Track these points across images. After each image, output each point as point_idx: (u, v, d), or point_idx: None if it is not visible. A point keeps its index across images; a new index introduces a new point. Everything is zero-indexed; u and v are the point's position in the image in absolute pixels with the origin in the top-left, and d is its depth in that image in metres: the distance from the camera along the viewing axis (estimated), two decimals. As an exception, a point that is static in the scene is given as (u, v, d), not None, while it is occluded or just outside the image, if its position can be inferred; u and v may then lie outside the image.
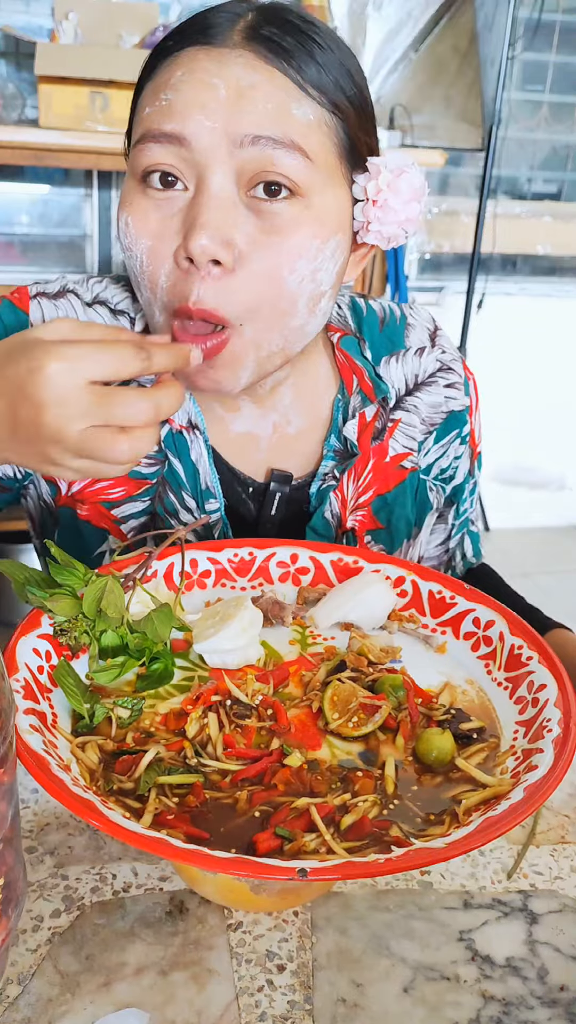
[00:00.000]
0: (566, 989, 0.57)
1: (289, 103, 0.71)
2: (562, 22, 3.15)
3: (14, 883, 0.51)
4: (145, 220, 0.74)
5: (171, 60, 0.73)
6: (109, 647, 0.66)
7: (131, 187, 0.75)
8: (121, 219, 0.75)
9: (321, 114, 0.73)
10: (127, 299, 0.90)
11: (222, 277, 0.71)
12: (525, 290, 3.46)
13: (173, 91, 0.71)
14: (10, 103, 2.43)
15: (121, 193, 0.77)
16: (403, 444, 0.94)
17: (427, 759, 0.62)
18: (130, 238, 0.75)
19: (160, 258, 0.73)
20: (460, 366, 0.97)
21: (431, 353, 0.95)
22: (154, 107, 0.73)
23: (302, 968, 0.57)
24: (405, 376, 0.94)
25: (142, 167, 0.73)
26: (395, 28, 2.86)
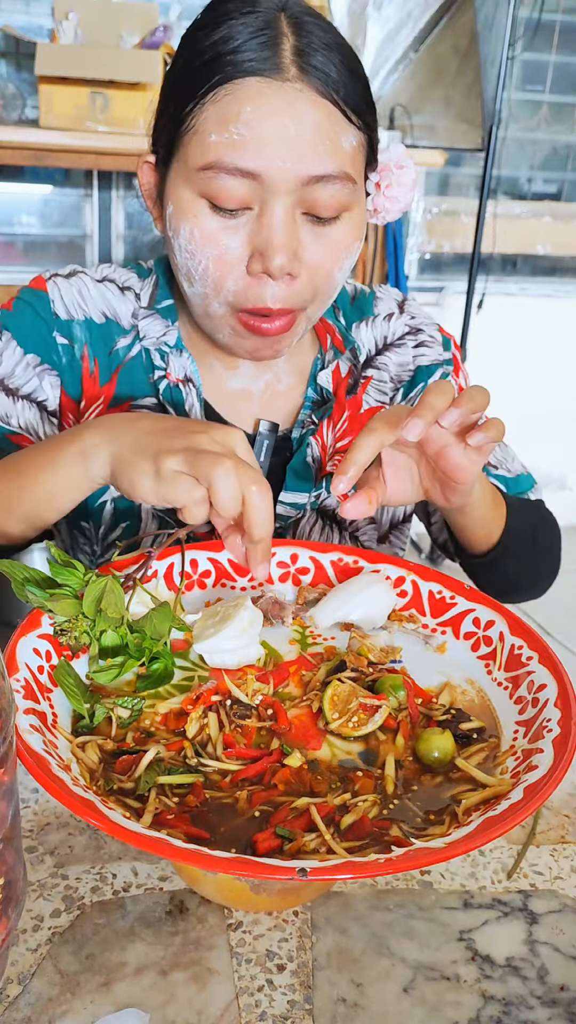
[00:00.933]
0: (566, 989, 0.57)
1: (339, 136, 0.82)
2: (562, 22, 3.15)
3: (14, 883, 0.51)
4: (211, 232, 0.83)
5: (234, 88, 0.79)
6: (109, 647, 0.66)
7: (192, 200, 0.83)
8: (183, 227, 0.84)
9: (359, 137, 0.84)
10: (132, 278, 1.01)
11: (291, 282, 0.84)
12: (525, 290, 3.47)
13: (246, 127, 0.79)
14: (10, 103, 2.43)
15: (177, 196, 0.84)
16: (375, 399, 1.04)
17: (427, 759, 0.62)
18: (195, 244, 0.84)
19: (228, 265, 0.83)
20: (433, 329, 1.07)
21: (399, 319, 1.06)
22: (223, 137, 0.80)
23: (302, 968, 0.57)
24: (375, 338, 1.05)
25: (213, 192, 0.81)
26: (395, 28, 2.86)
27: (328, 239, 0.85)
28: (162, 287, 0.98)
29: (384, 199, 0.91)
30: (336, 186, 0.82)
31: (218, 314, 0.88)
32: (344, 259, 0.87)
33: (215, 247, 0.83)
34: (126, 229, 2.91)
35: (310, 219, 0.83)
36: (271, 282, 0.83)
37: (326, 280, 0.87)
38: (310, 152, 0.80)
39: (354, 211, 0.86)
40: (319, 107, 0.80)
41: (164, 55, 2.30)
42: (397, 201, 0.91)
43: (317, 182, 0.81)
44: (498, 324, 3.29)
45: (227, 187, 0.80)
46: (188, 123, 0.82)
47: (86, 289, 0.98)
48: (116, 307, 0.98)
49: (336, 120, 0.81)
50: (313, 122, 0.80)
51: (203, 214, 0.82)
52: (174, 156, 0.84)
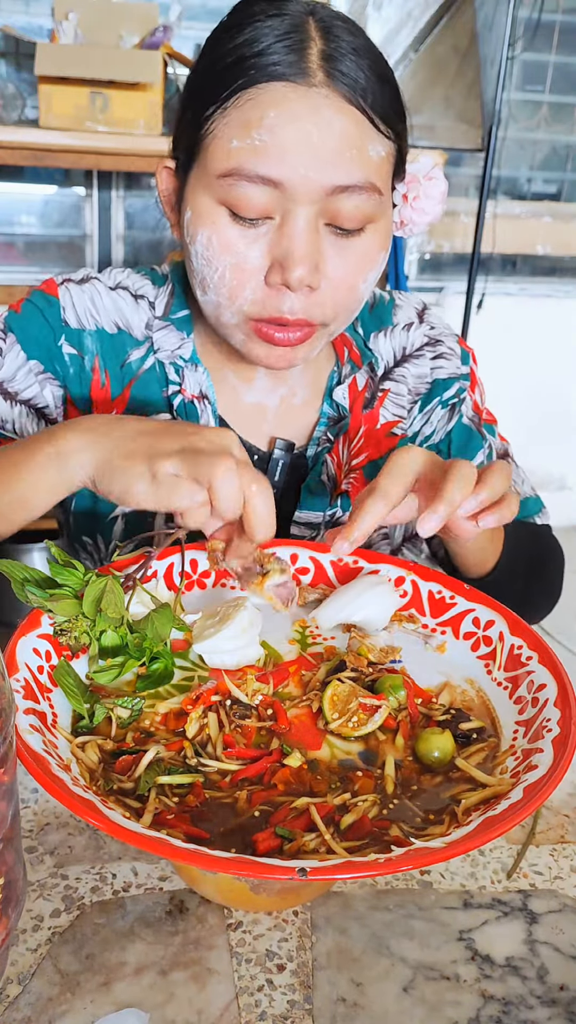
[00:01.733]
0: (566, 989, 0.57)
1: (366, 145, 0.79)
2: (562, 22, 3.15)
3: (14, 883, 0.51)
4: (230, 240, 0.81)
5: (257, 92, 0.76)
6: (109, 647, 0.66)
7: (211, 207, 0.80)
8: (201, 234, 0.82)
9: (387, 147, 0.82)
10: (146, 285, 0.98)
11: (311, 294, 0.82)
12: (525, 290, 3.47)
13: (268, 133, 0.76)
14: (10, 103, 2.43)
15: (196, 203, 0.82)
16: (392, 412, 1.01)
17: (427, 759, 0.62)
18: (212, 252, 0.82)
19: (245, 274, 0.81)
20: (452, 340, 1.04)
21: (419, 328, 1.03)
22: (244, 144, 0.77)
23: (302, 968, 0.57)
24: (393, 349, 1.02)
25: (233, 199, 0.79)
26: (395, 28, 2.86)
27: (351, 252, 0.82)
28: (178, 296, 0.96)
29: (411, 211, 0.88)
30: (361, 197, 0.79)
31: (231, 323, 0.85)
32: (368, 272, 0.84)
33: (233, 255, 0.80)
34: (126, 229, 2.91)
35: (333, 231, 0.81)
36: (289, 294, 0.81)
37: (349, 294, 0.84)
38: (335, 161, 0.77)
39: (379, 223, 0.83)
40: (346, 114, 0.77)
41: (164, 55, 2.30)
42: (425, 214, 0.88)
43: (341, 192, 0.78)
44: (498, 324, 3.29)
45: (248, 195, 0.78)
46: (208, 127, 0.79)
47: (99, 297, 0.95)
48: (129, 317, 0.96)
49: (363, 128, 0.78)
50: (339, 129, 0.77)
51: (222, 222, 0.80)
52: (194, 161, 0.82)
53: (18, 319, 0.94)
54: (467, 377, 1.04)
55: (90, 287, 0.96)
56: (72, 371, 0.95)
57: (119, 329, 0.95)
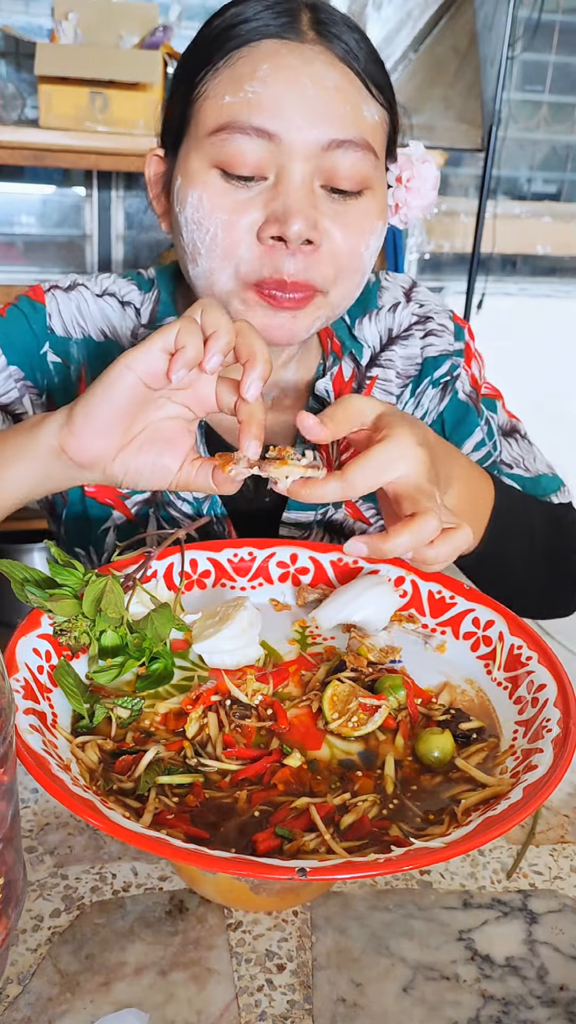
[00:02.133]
0: (565, 989, 0.57)
1: (360, 104, 0.77)
2: (562, 22, 3.15)
3: (14, 883, 0.51)
4: (222, 198, 0.77)
5: (249, 50, 0.76)
6: (109, 647, 0.66)
7: (203, 168, 0.78)
8: (191, 195, 0.78)
9: (382, 113, 0.81)
10: (133, 291, 0.95)
11: (311, 253, 0.78)
12: (525, 290, 3.46)
13: (260, 84, 0.74)
14: (10, 103, 2.43)
15: (187, 167, 0.79)
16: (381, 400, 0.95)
17: (427, 759, 0.62)
18: (202, 212, 0.78)
19: (238, 232, 0.77)
20: (444, 316, 1.00)
21: (406, 308, 0.99)
22: (237, 97, 0.75)
23: (302, 968, 0.57)
24: (379, 332, 0.98)
25: (225, 156, 0.76)
26: (395, 28, 2.85)
27: (350, 215, 0.79)
28: (164, 303, 0.93)
29: (406, 193, 0.86)
30: (357, 155, 0.77)
31: (226, 288, 0.81)
32: (370, 237, 0.81)
33: (225, 212, 0.77)
34: (126, 229, 2.91)
35: (330, 194, 0.78)
36: (287, 254, 0.77)
37: (351, 259, 0.80)
38: (330, 115, 0.75)
39: (376, 190, 0.81)
40: (339, 70, 0.76)
41: (164, 55, 2.30)
42: (420, 196, 0.87)
43: (338, 147, 0.76)
44: (498, 324, 3.29)
45: (241, 149, 0.75)
46: (199, 90, 0.78)
47: (85, 304, 0.93)
48: (116, 325, 0.93)
49: (357, 87, 0.77)
50: (333, 84, 0.75)
51: (213, 181, 0.77)
52: (185, 130, 0.80)
53: (2, 323, 0.92)
54: (461, 353, 0.99)
55: (77, 294, 0.94)
56: (57, 380, 0.92)
57: (106, 337, 0.93)
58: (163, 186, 0.86)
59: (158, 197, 0.87)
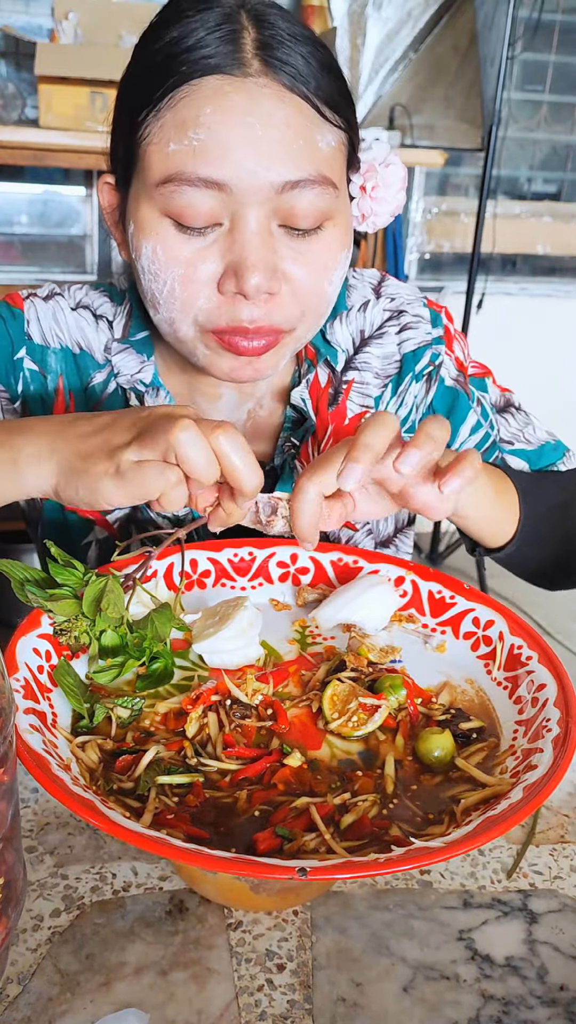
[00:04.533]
0: (566, 988, 0.57)
1: (314, 135, 0.74)
2: (562, 22, 3.15)
3: (14, 882, 0.51)
4: (176, 250, 0.75)
5: (191, 90, 0.72)
6: (109, 647, 0.66)
7: (154, 218, 0.75)
8: (146, 247, 0.76)
9: (337, 136, 0.77)
10: (105, 304, 0.93)
11: (271, 300, 0.76)
12: (525, 290, 3.46)
13: (206, 131, 0.71)
14: (10, 103, 2.43)
15: (138, 215, 0.76)
16: (359, 404, 0.95)
17: (427, 759, 0.62)
18: (158, 264, 0.76)
19: (196, 284, 0.75)
20: (417, 306, 0.96)
21: (376, 305, 0.95)
22: (182, 145, 0.72)
23: (302, 967, 0.57)
24: (351, 335, 0.95)
25: (176, 208, 0.73)
26: (395, 28, 2.85)
27: (311, 253, 0.76)
28: (136, 317, 0.90)
29: (371, 202, 0.82)
30: (314, 191, 0.73)
31: (188, 336, 0.79)
32: (332, 272, 0.79)
33: (181, 266, 0.75)
34: (126, 229, 2.91)
35: (288, 232, 0.75)
36: (246, 302, 0.75)
37: (314, 297, 0.78)
38: (282, 154, 0.71)
39: (337, 219, 0.78)
40: (288, 103, 0.72)
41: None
42: (386, 203, 0.82)
43: (292, 188, 0.72)
44: (498, 324, 3.29)
45: (192, 202, 0.72)
46: (143, 132, 0.74)
47: (62, 315, 0.91)
48: (90, 338, 0.92)
49: (309, 117, 0.73)
50: (282, 120, 0.71)
51: (166, 232, 0.74)
52: (133, 171, 0.77)
53: None
54: (440, 340, 0.95)
55: (54, 304, 0.92)
56: (32, 388, 0.91)
57: (81, 349, 0.92)
58: (117, 218, 0.83)
59: (116, 225, 0.84)
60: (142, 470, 0.62)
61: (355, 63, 2.89)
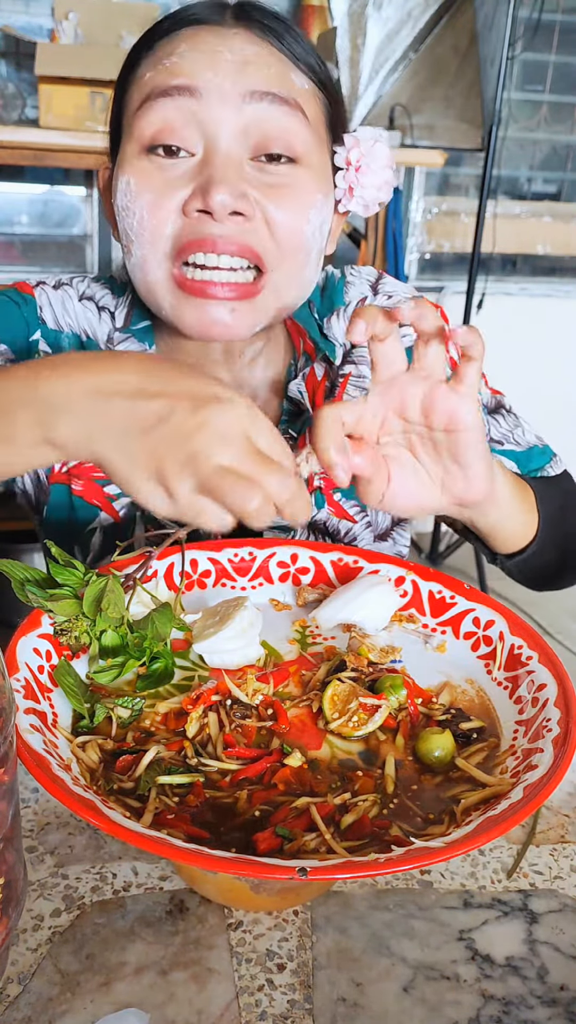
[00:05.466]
0: (566, 988, 0.57)
1: (287, 71, 0.77)
2: (562, 22, 3.15)
3: (14, 882, 0.51)
4: (148, 179, 0.76)
5: (169, 39, 0.77)
6: (109, 647, 0.66)
7: (132, 152, 0.78)
8: (121, 181, 0.78)
9: (312, 86, 0.80)
10: (107, 296, 0.95)
11: (242, 223, 0.75)
12: (525, 290, 3.46)
13: (179, 57, 0.75)
14: (10, 103, 2.43)
15: (122, 159, 0.79)
16: (356, 396, 0.95)
17: (427, 759, 0.62)
18: (129, 196, 0.77)
19: (164, 211, 0.76)
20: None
21: (374, 301, 0.97)
22: (156, 70, 0.76)
23: (302, 967, 0.57)
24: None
25: (151, 128, 0.75)
26: (395, 28, 2.85)
27: (285, 188, 0.77)
28: (137, 306, 0.92)
29: (356, 174, 0.83)
30: (283, 111, 0.75)
31: (157, 279, 0.79)
32: (309, 210, 0.78)
33: (150, 192, 0.76)
34: (126, 229, 2.91)
35: (263, 165, 0.76)
36: (212, 223, 0.74)
37: (291, 234, 0.78)
38: (251, 74, 0.74)
39: (313, 165, 0.79)
40: (259, 45, 0.76)
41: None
42: (373, 175, 0.83)
43: (261, 99, 0.74)
44: (498, 324, 3.29)
45: (164, 116, 0.74)
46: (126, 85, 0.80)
47: (71, 303, 0.93)
48: (95, 329, 0.93)
49: (280, 59, 0.77)
50: (253, 53, 0.76)
51: (141, 164, 0.77)
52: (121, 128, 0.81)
53: None
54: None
55: (63, 292, 0.94)
56: None
57: (88, 338, 0.93)
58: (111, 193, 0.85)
59: (110, 207, 0.86)
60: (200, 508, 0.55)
61: (355, 63, 2.89)
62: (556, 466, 1.00)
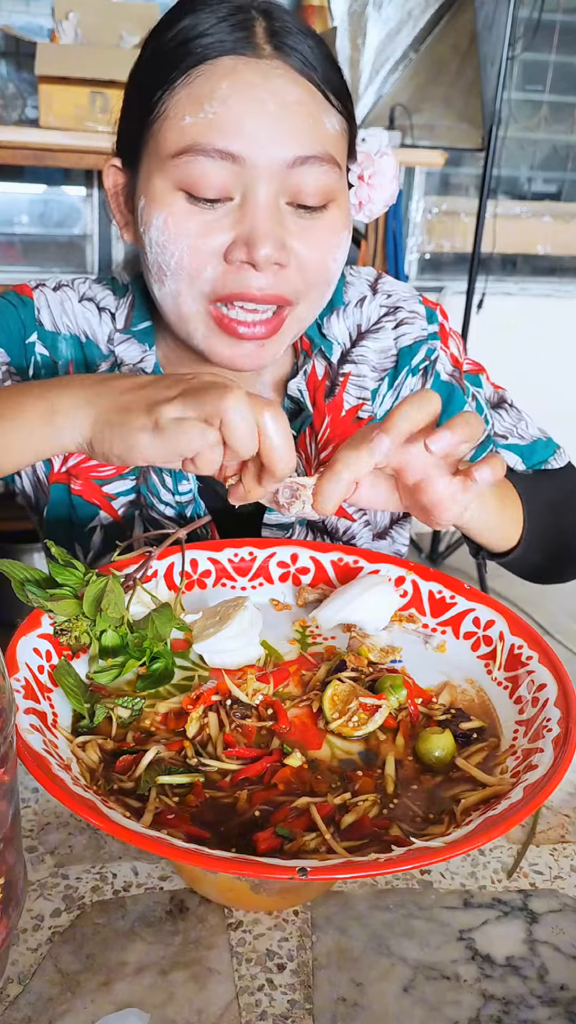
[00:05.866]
0: (566, 988, 0.57)
1: (322, 116, 0.77)
2: (562, 22, 3.15)
3: (15, 882, 0.51)
4: (187, 221, 0.77)
5: (207, 68, 0.75)
6: (109, 647, 0.67)
7: (166, 190, 0.77)
8: (156, 217, 0.78)
9: (341, 122, 0.80)
10: (108, 297, 0.95)
11: (279, 272, 0.78)
12: (525, 290, 3.46)
13: (222, 104, 0.74)
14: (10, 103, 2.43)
15: (150, 188, 0.78)
16: (356, 396, 0.96)
17: (427, 759, 0.62)
18: (167, 235, 0.78)
19: (204, 255, 0.77)
20: (413, 302, 0.98)
21: (373, 301, 0.98)
22: (198, 118, 0.74)
23: (302, 967, 0.57)
24: (348, 329, 0.97)
25: (190, 179, 0.75)
26: (395, 28, 2.85)
27: (317, 230, 0.79)
28: (139, 308, 0.92)
29: (368, 189, 0.86)
30: (322, 169, 0.77)
31: (191, 311, 0.80)
32: (335, 249, 0.81)
33: (190, 237, 0.76)
34: (126, 229, 2.90)
35: (296, 210, 0.78)
36: (254, 273, 0.76)
37: (320, 272, 0.81)
38: (293, 131, 0.75)
39: (340, 200, 0.81)
40: (299, 84, 0.76)
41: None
42: (382, 190, 0.86)
43: (302, 164, 0.76)
44: (498, 324, 3.29)
45: (205, 172, 0.74)
46: (158, 110, 0.77)
47: (70, 304, 0.93)
48: (95, 330, 0.93)
49: (317, 99, 0.77)
50: (294, 99, 0.75)
51: (178, 205, 0.77)
52: (144, 149, 0.79)
53: None
54: (435, 335, 0.97)
55: (62, 294, 0.94)
56: (44, 372, 0.92)
57: (87, 338, 0.93)
58: (125, 199, 0.86)
59: (120, 208, 0.86)
60: (182, 426, 0.62)
61: (355, 63, 2.89)
62: (560, 458, 1.01)
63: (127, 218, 0.86)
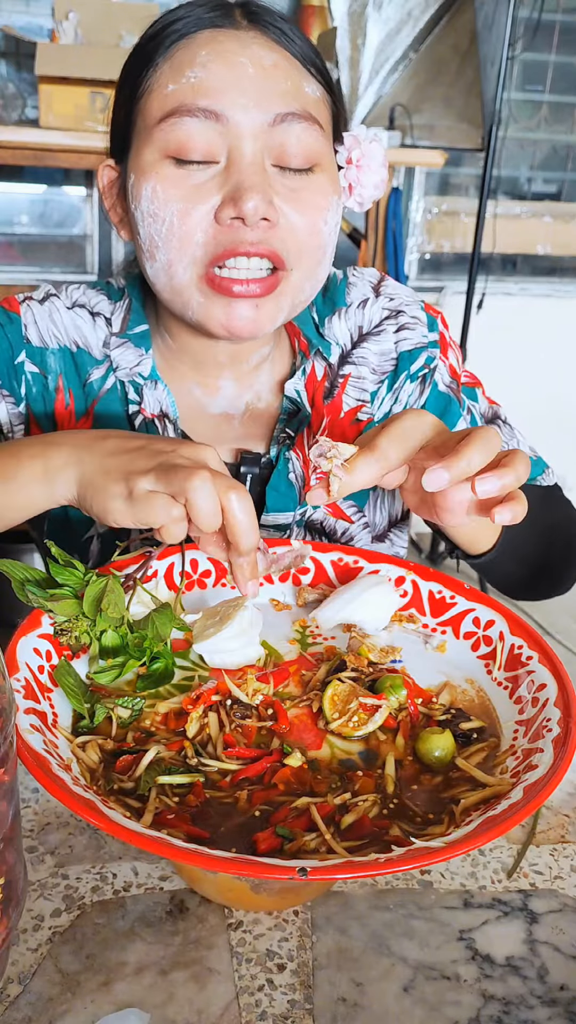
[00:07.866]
0: (566, 988, 0.57)
1: (301, 81, 0.80)
2: (562, 22, 3.15)
3: (15, 882, 0.51)
4: (175, 186, 0.78)
5: (187, 41, 0.79)
6: (109, 647, 0.67)
7: (155, 159, 0.79)
8: (145, 188, 0.79)
9: (321, 91, 0.83)
10: (103, 302, 0.95)
11: (268, 229, 0.79)
12: (525, 290, 3.46)
13: (201, 69, 0.77)
14: (10, 103, 2.44)
15: (138, 163, 0.80)
16: (355, 398, 0.96)
17: (427, 759, 0.62)
18: (157, 203, 0.79)
19: (194, 217, 0.78)
20: (415, 308, 0.99)
21: (375, 303, 0.97)
22: (180, 84, 0.77)
23: (302, 967, 0.57)
24: (349, 330, 0.97)
25: (176, 143, 0.77)
26: (395, 28, 2.85)
27: (304, 192, 0.80)
28: (135, 311, 0.92)
29: (357, 171, 0.87)
30: (303, 126, 0.79)
31: (184, 281, 0.81)
32: (325, 212, 0.82)
33: (179, 200, 0.78)
34: (126, 229, 2.90)
35: (282, 172, 0.80)
36: (245, 229, 0.77)
37: (311, 236, 0.81)
38: (272, 91, 0.77)
39: (326, 165, 0.82)
40: (276, 51, 0.79)
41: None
42: (372, 173, 0.87)
43: (283, 121, 0.78)
44: (498, 324, 3.29)
45: (191, 133, 0.77)
46: (143, 87, 0.80)
47: (58, 314, 0.93)
48: (87, 335, 0.93)
49: (295, 66, 0.80)
50: (272, 63, 0.78)
51: (166, 171, 0.78)
52: (132, 131, 0.82)
53: None
54: (436, 344, 0.97)
55: (49, 304, 0.93)
56: (35, 390, 0.92)
57: (79, 347, 0.93)
58: (117, 192, 0.87)
59: (114, 206, 0.88)
60: (151, 500, 0.65)
61: (355, 63, 2.89)
62: (548, 478, 1.03)
63: (120, 214, 0.87)
